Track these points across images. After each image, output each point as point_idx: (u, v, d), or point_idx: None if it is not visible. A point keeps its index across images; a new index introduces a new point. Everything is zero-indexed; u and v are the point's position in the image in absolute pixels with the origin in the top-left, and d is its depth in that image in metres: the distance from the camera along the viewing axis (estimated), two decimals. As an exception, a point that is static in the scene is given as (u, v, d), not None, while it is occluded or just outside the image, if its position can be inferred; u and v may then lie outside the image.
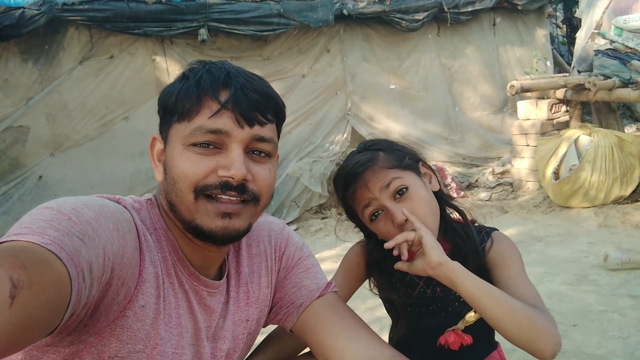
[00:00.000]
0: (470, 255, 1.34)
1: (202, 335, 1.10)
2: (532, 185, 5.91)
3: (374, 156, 1.35)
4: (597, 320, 3.01)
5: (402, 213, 1.26)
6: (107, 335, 0.94)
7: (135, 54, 5.61)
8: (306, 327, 1.21)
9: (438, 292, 1.39)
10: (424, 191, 1.33)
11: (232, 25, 5.71)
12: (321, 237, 5.40)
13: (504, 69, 7.43)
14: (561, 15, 10.54)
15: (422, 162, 1.41)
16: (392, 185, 1.29)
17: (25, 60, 5.22)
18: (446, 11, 6.70)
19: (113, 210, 0.95)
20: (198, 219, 1.00)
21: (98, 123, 5.48)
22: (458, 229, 1.40)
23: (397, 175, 1.30)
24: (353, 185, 1.33)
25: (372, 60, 6.68)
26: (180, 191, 1.00)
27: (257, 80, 1.05)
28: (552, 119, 5.86)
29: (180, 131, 1.01)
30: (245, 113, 0.99)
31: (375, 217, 1.33)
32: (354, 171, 1.34)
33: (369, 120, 6.62)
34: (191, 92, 1.00)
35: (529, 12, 7.48)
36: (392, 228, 1.29)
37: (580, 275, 3.69)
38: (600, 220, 4.83)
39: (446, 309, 1.39)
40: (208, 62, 1.08)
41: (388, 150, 1.37)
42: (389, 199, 1.29)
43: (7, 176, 5.18)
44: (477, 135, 7.06)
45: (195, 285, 1.09)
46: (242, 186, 1.00)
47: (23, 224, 0.81)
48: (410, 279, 1.41)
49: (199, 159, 0.99)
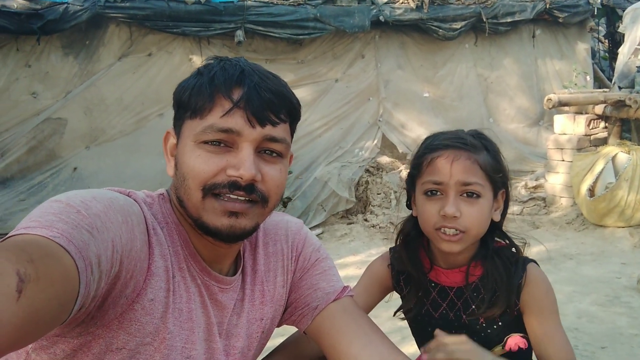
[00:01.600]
0: (503, 294, 1.29)
1: (214, 330, 1.09)
2: (565, 201, 5.77)
3: (479, 147, 1.29)
4: (628, 344, 2.90)
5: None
6: (115, 328, 0.94)
7: (173, 52, 5.70)
8: (321, 330, 1.19)
9: (464, 319, 1.34)
10: (487, 209, 1.28)
11: (269, 27, 5.75)
12: (346, 243, 5.37)
13: (542, 82, 7.29)
14: (603, 30, 10.28)
15: (505, 191, 1.35)
16: (471, 187, 1.25)
17: (66, 54, 5.36)
18: (485, 21, 6.61)
19: (122, 204, 0.95)
20: (204, 217, 0.99)
21: (133, 119, 5.59)
22: (499, 265, 1.32)
23: (482, 182, 1.26)
24: (441, 151, 1.27)
25: (406, 68, 6.63)
26: (189, 188, 0.99)
27: (271, 79, 1.03)
28: (590, 134, 5.71)
29: (192, 128, 1.00)
30: (258, 112, 0.98)
31: (432, 194, 1.28)
32: (453, 142, 1.28)
33: (401, 128, 6.57)
34: (204, 89, 0.99)
35: (570, 26, 7.33)
36: (436, 212, 1.26)
37: (611, 297, 3.58)
38: (636, 241, 4.68)
39: (470, 337, 1.31)
40: (224, 58, 1.06)
41: (492, 155, 1.31)
42: (457, 191, 1.25)
43: (44, 166, 5.33)
44: (511, 148, 6.93)
45: (207, 281, 1.08)
46: (250, 186, 0.99)
47: (32, 217, 0.81)
48: (433, 299, 1.38)
49: (209, 157, 0.98)
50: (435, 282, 1.38)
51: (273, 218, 1.26)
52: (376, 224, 5.68)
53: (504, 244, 1.38)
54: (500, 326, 1.32)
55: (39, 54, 5.26)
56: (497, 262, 1.31)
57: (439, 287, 1.38)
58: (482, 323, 1.27)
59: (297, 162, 5.93)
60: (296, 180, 5.93)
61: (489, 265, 1.31)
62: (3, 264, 0.66)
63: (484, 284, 1.31)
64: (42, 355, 0.93)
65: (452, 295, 1.36)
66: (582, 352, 2.83)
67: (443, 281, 1.37)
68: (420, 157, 1.32)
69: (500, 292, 1.28)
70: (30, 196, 5.17)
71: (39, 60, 5.27)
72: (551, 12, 7.01)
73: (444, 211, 1.24)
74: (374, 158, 6.37)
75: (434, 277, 1.39)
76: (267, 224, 1.24)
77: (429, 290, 1.38)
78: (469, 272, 1.33)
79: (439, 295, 1.37)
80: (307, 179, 5.95)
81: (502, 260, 1.32)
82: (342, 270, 4.36)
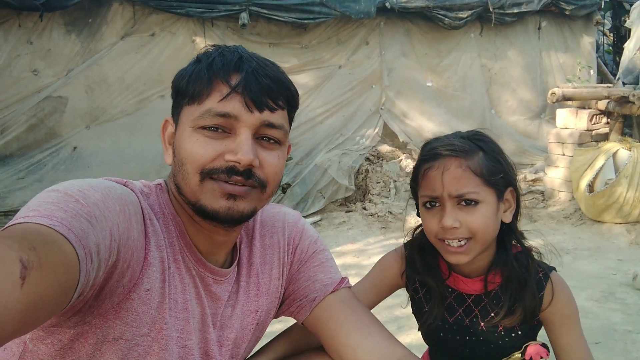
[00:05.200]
0: (528, 302, 1.26)
1: (208, 321, 1.10)
2: (564, 195, 5.77)
3: (472, 151, 1.23)
4: (621, 340, 2.93)
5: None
6: (111, 318, 0.95)
7: (176, 33, 5.66)
8: (319, 321, 1.20)
9: (482, 326, 1.31)
10: (490, 214, 1.22)
11: (274, 11, 5.70)
12: (344, 230, 5.39)
13: (545, 75, 7.26)
14: (609, 24, 10.21)
15: (513, 189, 1.29)
16: (465, 197, 1.20)
17: (69, 31, 5.32)
18: (491, 11, 6.56)
19: (119, 193, 0.95)
20: (202, 199, 0.99)
21: (135, 99, 5.56)
22: (519, 270, 1.28)
23: (477, 189, 1.20)
24: (431, 162, 1.24)
25: (410, 56, 6.59)
26: (187, 173, 0.99)
27: (269, 66, 1.03)
28: (592, 130, 5.70)
29: (190, 113, 1.00)
30: (256, 97, 0.98)
31: (431, 207, 1.25)
32: (442, 150, 1.23)
33: (402, 117, 6.55)
34: (202, 74, 0.99)
35: (577, 18, 7.28)
36: (436, 224, 1.23)
37: (607, 293, 3.60)
38: (632, 237, 4.69)
39: (487, 344, 1.31)
40: (222, 46, 1.07)
41: (489, 155, 1.24)
42: (452, 201, 1.21)
43: (43, 144, 5.31)
44: (511, 140, 6.92)
45: (202, 272, 1.09)
46: (248, 171, 0.99)
47: (30, 207, 0.81)
48: (449, 304, 1.34)
49: (207, 142, 0.98)
50: (452, 288, 1.35)
51: (270, 210, 1.27)
52: (375, 212, 5.69)
53: (520, 248, 1.33)
54: (519, 335, 1.30)
55: (41, 31, 5.21)
56: (517, 269, 1.27)
57: (456, 293, 1.35)
58: (501, 331, 1.26)
59: (298, 148, 5.92)
60: (296, 167, 5.93)
61: (509, 274, 1.27)
62: (6, 251, 0.67)
63: (504, 291, 1.29)
64: (39, 345, 0.94)
65: (469, 302, 1.33)
66: (575, 347, 2.86)
67: (461, 288, 1.34)
68: (417, 169, 1.29)
69: (521, 300, 1.26)
70: (30, 174, 5.16)
71: (41, 37, 5.22)
72: (558, 4, 6.95)
73: (441, 223, 1.21)
74: (375, 146, 6.36)
75: (452, 283, 1.35)
76: (264, 216, 1.25)
77: (445, 296, 1.35)
78: (489, 280, 1.30)
79: (455, 301, 1.34)
80: (307, 166, 5.95)
81: (521, 268, 1.28)
82: (339, 258, 4.38)
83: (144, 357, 1.00)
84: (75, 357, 0.95)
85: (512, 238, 1.31)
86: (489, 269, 1.30)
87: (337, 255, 4.30)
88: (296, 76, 5.74)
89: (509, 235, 1.30)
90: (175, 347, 1.04)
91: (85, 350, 0.94)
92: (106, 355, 0.96)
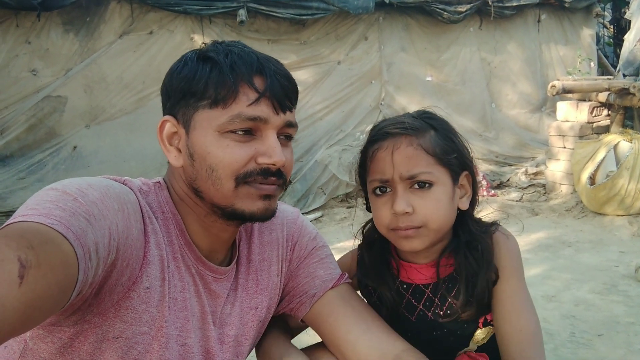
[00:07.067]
0: (479, 284, 1.16)
1: (208, 319, 1.10)
2: (565, 188, 5.77)
3: (423, 129, 1.15)
4: (624, 332, 2.92)
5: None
6: (111, 316, 0.95)
7: (174, 31, 5.64)
8: (319, 317, 1.20)
9: (441, 314, 1.21)
10: (446, 198, 1.15)
11: (272, 7, 5.69)
12: (345, 226, 5.38)
13: (545, 68, 7.24)
14: (609, 15, 10.19)
15: (468, 173, 1.21)
16: (418, 177, 1.12)
17: (67, 31, 5.30)
18: (490, 4, 6.54)
19: (118, 191, 0.95)
20: (238, 204, 1.01)
21: (134, 98, 5.55)
22: (471, 261, 1.18)
23: (429, 170, 1.12)
24: (380, 142, 1.16)
25: (410, 51, 6.57)
26: (219, 179, 0.99)
27: (281, 66, 1.06)
28: (592, 122, 5.69)
29: (213, 118, 0.99)
30: (281, 100, 1.01)
31: (381, 193, 1.17)
32: (391, 128, 1.16)
33: (402, 112, 6.46)
34: (226, 78, 0.98)
35: (576, 11, 7.26)
36: (388, 212, 1.15)
37: (609, 285, 3.60)
38: (634, 229, 4.68)
39: (454, 333, 1.22)
40: (224, 43, 1.05)
41: (441, 134, 1.17)
42: (404, 184, 1.13)
43: (43, 144, 5.30)
44: (512, 134, 6.91)
45: (201, 270, 1.09)
46: (279, 171, 1.02)
47: (29, 205, 0.81)
48: (407, 301, 1.25)
49: (238, 147, 0.99)
50: (407, 283, 1.25)
51: None
52: (376, 207, 5.68)
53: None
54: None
55: (39, 31, 5.20)
56: (467, 254, 1.18)
57: (412, 287, 1.25)
58: (463, 321, 1.19)
59: (298, 144, 5.91)
60: (296, 163, 5.92)
61: (466, 265, 1.18)
62: (4, 250, 0.67)
63: (459, 273, 1.20)
64: (39, 344, 0.94)
65: (428, 292, 1.24)
66: (578, 339, 2.85)
67: (416, 278, 1.24)
68: (364, 152, 1.20)
69: (475, 284, 1.17)
70: (30, 174, 5.15)
71: (39, 36, 5.21)
72: (557, -3, 6.94)
73: (393, 209, 1.13)
74: (375, 142, 6.35)
75: (405, 276, 1.26)
76: None
77: (402, 294, 1.25)
78: (442, 264, 1.21)
79: (413, 296, 1.25)
80: (307, 162, 5.94)
81: (473, 251, 1.19)
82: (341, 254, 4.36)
83: (144, 356, 1.00)
84: (75, 355, 0.95)
85: (468, 225, 1.22)
86: (441, 255, 1.22)
87: (338, 251, 4.29)
88: (295, 72, 5.70)
89: (464, 223, 1.21)
90: (175, 345, 1.04)
91: (85, 349, 0.94)
92: (106, 353, 0.96)
